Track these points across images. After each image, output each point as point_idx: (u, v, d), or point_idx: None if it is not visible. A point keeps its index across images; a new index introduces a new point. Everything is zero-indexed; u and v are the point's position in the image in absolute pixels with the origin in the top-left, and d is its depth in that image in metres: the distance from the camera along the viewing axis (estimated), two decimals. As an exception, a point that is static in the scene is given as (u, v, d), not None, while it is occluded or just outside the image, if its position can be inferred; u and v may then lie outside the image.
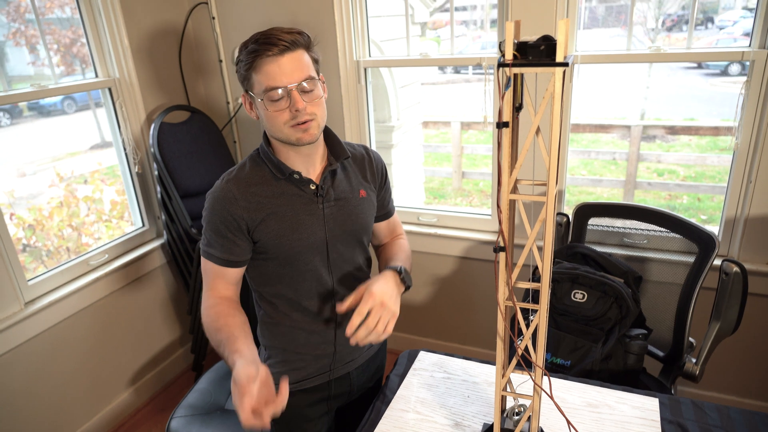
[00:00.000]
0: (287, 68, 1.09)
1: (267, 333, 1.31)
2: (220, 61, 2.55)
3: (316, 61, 1.16)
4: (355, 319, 1.08)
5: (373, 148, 2.56)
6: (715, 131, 6.20)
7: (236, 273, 1.22)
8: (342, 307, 1.13)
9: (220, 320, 1.16)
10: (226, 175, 1.20)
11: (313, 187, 1.21)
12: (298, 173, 1.19)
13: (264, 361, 1.32)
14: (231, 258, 1.19)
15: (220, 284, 1.22)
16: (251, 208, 1.16)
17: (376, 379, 1.48)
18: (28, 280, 2.00)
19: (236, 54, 1.16)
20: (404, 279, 1.21)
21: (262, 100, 1.11)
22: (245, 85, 1.15)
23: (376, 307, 1.09)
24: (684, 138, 6.35)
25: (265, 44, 1.08)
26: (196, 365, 2.61)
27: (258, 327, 1.34)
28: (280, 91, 1.09)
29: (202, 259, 1.22)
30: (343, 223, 1.24)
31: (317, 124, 1.15)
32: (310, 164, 1.22)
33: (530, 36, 0.83)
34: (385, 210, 1.41)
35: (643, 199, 5.13)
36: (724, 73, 7.79)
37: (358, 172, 1.31)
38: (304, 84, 1.11)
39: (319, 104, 1.14)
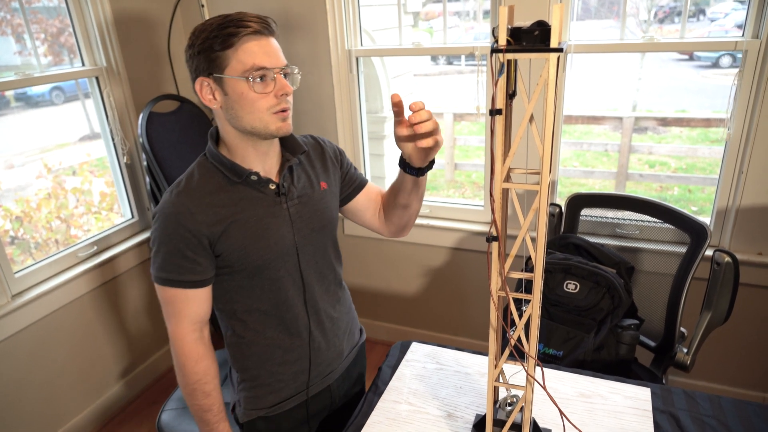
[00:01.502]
0: (272, 50, 1.02)
1: (238, 355, 1.19)
2: (210, 50, 2.52)
3: None
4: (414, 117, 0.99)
5: (365, 138, 2.54)
6: (707, 123, 6.22)
7: (206, 293, 1.11)
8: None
9: (209, 383, 1.12)
10: (174, 188, 1.08)
11: (273, 187, 1.12)
12: (256, 173, 1.09)
13: (237, 385, 1.23)
14: (197, 278, 1.07)
15: (191, 312, 1.10)
16: (210, 220, 1.05)
17: (358, 387, 1.42)
18: (15, 273, 1.97)
19: (195, 37, 1.02)
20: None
21: (248, 79, 1.00)
22: (211, 67, 1.01)
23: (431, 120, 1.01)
24: (675, 130, 6.37)
25: (244, 21, 0.99)
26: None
27: (227, 348, 1.22)
28: (268, 71, 1.01)
29: (160, 288, 1.08)
30: (311, 221, 1.16)
31: (291, 114, 1.07)
32: (267, 162, 1.12)
33: (524, 22, 0.81)
34: (357, 182, 1.31)
35: (634, 190, 5.14)
36: (716, 65, 7.81)
37: (315, 164, 1.22)
38: (287, 70, 1.04)
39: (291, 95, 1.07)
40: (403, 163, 1.16)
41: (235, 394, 1.24)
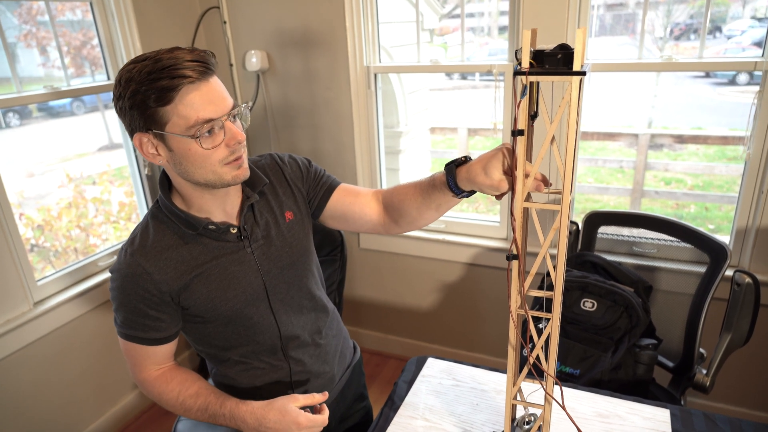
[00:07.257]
0: (215, 95, 0.91)
1: (226, 392, 1.15)
2: (231, 65, 2.56)
3: None
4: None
5: (382, 153, 2.56)
6: (724, 140, 6.17)
7: (169, 349, 1.10)
8: None
9: (191, 387, 1.08)
10: (128, 246, 1.02)
11: (234, 231, 1.06)
12: (214, 223, 1.03)
13: None
14: (159, 336, 1.05)
15: (150, 365, 1.09)
16: (169, 278, 1.01)
17: (359, 405, 1.38)
18: (38, 281, 2.01)
19: (123, 88, 0.90)
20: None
21: (196, 137, 0.90)
22: (149, 124, 0.90)
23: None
24: (692, 147, 6.32)
25: (179, 69, 0.87)
26: (203, 367, 2.61)
27: (214, 385, 1.20)
28: (215, 121, 0.91)
29: (121, 341, 1.07)
30: (279, 259, 1.10)
31: (246, 156, 1.01)
32: (227, 203, 1.06)
33: (545, 44, 0.83)
34: (328, 183, 1.18)
35: (650, 207, 5.11)
36: (732, 82, 7.76)
37: (278, 191, 1.14)
38: (235, 111, 0.95)
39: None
40: (455, 185, 1.01)
41: None
